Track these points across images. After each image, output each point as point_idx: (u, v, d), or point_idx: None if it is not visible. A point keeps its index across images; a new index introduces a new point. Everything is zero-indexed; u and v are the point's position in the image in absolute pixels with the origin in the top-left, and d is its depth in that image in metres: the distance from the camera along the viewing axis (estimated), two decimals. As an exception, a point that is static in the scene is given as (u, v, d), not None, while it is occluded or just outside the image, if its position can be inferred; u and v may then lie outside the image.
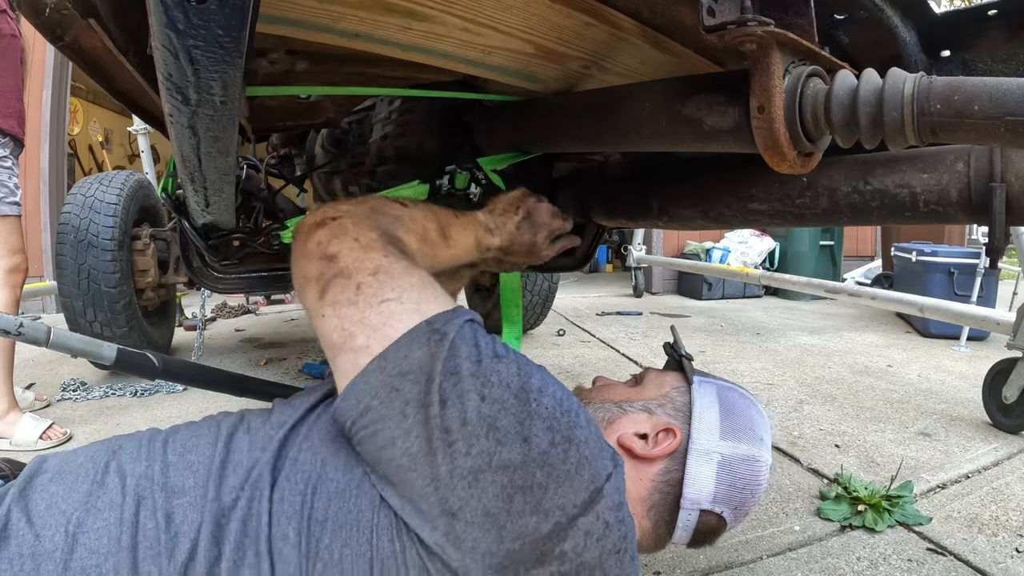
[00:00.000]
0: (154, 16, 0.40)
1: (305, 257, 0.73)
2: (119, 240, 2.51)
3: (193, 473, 0.65)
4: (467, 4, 0.72)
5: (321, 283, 0.70)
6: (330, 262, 0.71)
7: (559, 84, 1.03)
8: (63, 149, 5.06)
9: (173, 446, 0.69)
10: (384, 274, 0.69)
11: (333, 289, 0.69)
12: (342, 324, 0.67)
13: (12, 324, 1.18)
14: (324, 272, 0.70)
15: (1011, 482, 1.77)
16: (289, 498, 0.63)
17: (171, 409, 2.41)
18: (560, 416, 0.64)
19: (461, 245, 0.93)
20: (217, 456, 0.67)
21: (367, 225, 0.75)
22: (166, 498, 0.63)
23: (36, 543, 0.58)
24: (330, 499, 0.63)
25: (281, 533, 0.61)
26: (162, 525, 0.61)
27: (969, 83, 0.59)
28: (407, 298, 0.68)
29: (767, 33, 0.60)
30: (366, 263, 0.70)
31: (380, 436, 0.62)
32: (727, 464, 0.75)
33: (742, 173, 1.05)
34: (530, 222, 1.04)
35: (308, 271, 0.72)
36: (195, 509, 0.62)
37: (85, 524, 0.60)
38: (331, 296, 0.69)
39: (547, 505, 0.60)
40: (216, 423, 0.74)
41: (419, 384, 0.61)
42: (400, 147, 1.35)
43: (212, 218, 1.22)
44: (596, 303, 5.14)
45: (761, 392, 2.64)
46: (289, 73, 1.00)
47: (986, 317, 2.44)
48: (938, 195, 0.83)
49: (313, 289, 0.71)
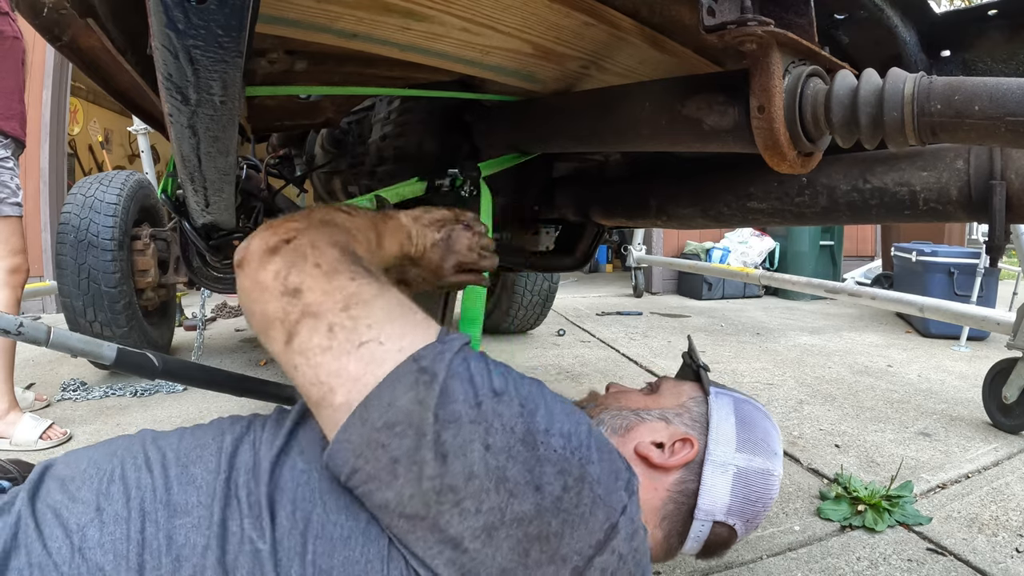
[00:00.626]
0: (154, 16, 0.40)
1: (263, 291, 0.64)
2: (119, 240, 2.51)
3: (196, 490, 0.62)
4: (465, 4, 0.72)
5: (286, 326, 0.62)
6: (293, 298, 0.63)
7: (558, 84, 1.03)
8: (63, 149, 5.06)
9: (176, 455, 0.67)
10: (357, 307, 0.62)
11: (301, 333, 0.61)
12: (318, 376, 0.60)
13: (12, 324, 1.18)
14: (288, 311, 0.62)
15: (1011, 482, 1.76)
16: (290, 538, 0.59)
17: (171, 409, 2.41)
18: (570, 456, 0.60)
19: (389, 251, 0.88)
20: (221, 474, 0.64)
21: (324, 242, 0.68)
22: (168, 517, 0.60)
23: (44, 554, 0.57)
24: (334, 546, 0.58)
25: (285, 572, 0.58)
26: (163, 546, 0.58)
27: (969, 83, 0.59)
28: (386, 335, 0.61)
29: (767, 33, 0.60)
30: (334, 295, 0.63)
31: (375, 496, 0.57)
32: (742, 476, 0.74)
33: (741, 172, 1.05)
34: (446, 245, 0.97)
35: (268, 310, 0.63)
36: (199, 532, 0.59)
37: (90, 538, 0.58)
38: (300, 342, 0.61)
39: (564, 551, 0.58)
40: (221, 432, 0.70)
41: (407, 437, 0.56)
42: (399, 147, 1.35)
43: (212, 218, 1.22)
44: (596, 303, 5.14)
45: (761, 392, 2.64)
46: (288, 73, 1.00)
47: (986, 317, 2.44)
48: (938, 193, 0.83)
49: (278, 333, 0.63)
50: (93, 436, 2.11)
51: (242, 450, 0.67)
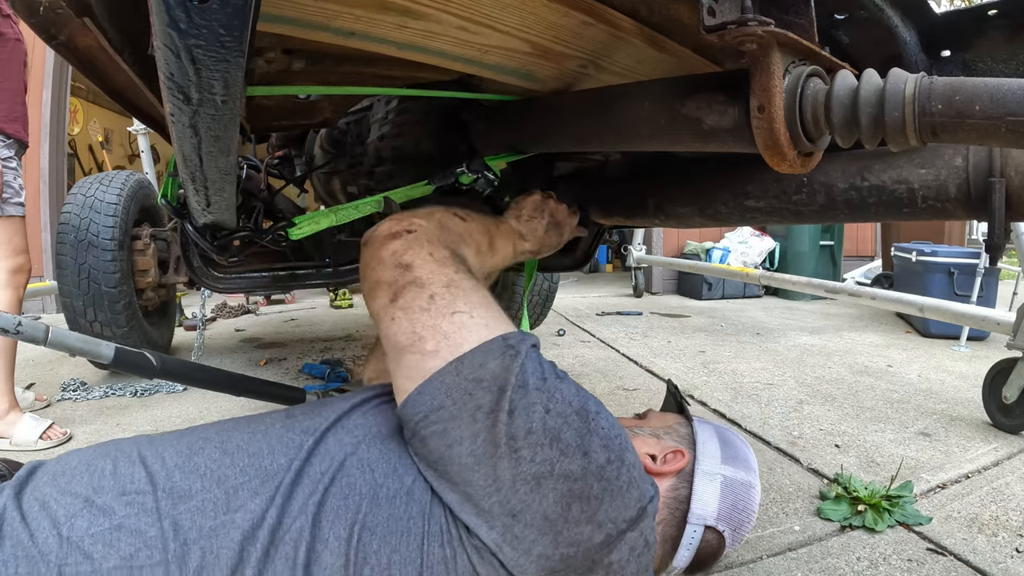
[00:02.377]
0: (156, 15, 0.40)
1: (380, 263, 0.77)
2: (119, 240, 2.51)
3: (200, 477, 0.65)
4: (463, 2, 0.72)
5: (394, 288, 0.74)
6: (405, 271, 0.75)
7: (557, 83, 1.03)
8: (63, 149, 5.06)
9: (178, 448, 0.69)
10: (456, 288, 0.74)
11: (406, 295, 0.73)
12: (413, 328, 0.70)
13: (11, 323, 1.18)
14: (398, 279, 0.74)
15: (1011, 482, 1.76)
16: (333, 503, 0.64)
17: (171, 409, 2.41)
18: (614, 437, 0.69)
19: (502, 254, 1.02)
20: (227, 459, 0.67)
21: (439, 241, 0.80)
22: (172, 504, 0.62)
23: (31, 544, 0.57)
24: (380, 505, 0.64)
25: (322, 537, 0.62)
26: (168, 532, 0.60)
27: (970, 83, 0.59)
28: (477, 314, 0.72)
29: (767, 33, 0.60)
30: (439, 276, 0.75)
31: (449, 434, 0.65)
32: (729, 485, 0.81)
33: (739, 171, 1.05)
34: (555, 223, 1.14)
35: (382, 276, 0.76)
36: (205, 515, 0.62)
37: (78, 528, 0.59)
38: (404, 301, 0.72)
39: (601, 517, 0.65)
40: (220, 428, 0.75)
41: (492, 392, 0.65)
42: (397, 147, 1.35)
43: (213, 218, 1.22)
44: (596, 303, 5.14)
45: (761, 392, 2.64)
46: (286, 72, 1.00)
47: (986, 317, 2.44)
48: (936, 191, 0.83)
49: (385, 293, 0.75)
50: (93, 436, 2.11)
51: (255, 440, 0.71)
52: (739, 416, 2.32)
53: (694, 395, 2.58)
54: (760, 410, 2.40)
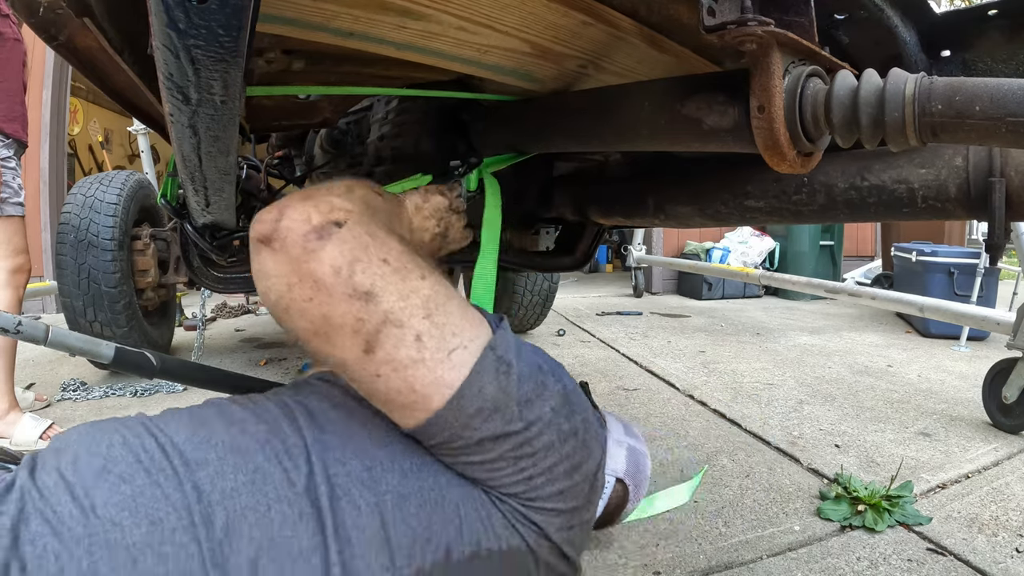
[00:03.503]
0: (155, 16, 0.40)
1: (318, 290, 0.57)
2: (119, 240, 2.51)
3: (213, 448, 0.63)
4: (462, 2, 0.72)
5: (363, 335, 0.58)
6: (367, 302, 0.57)
7: (556, 83, 1.03)
8: (63, 149, 5.06)
9: (179, 424, 0.66)
10: (437, 312, 0.61)
11: (385, 343, 0.58)
12: (411, 387, 0.60)
13: (11, 322, 1.18)
14: (364, 318, 0.57)
15: (1011, 482, 1.76)
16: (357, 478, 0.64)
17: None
18: (584, 403, 0.75)
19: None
20: (235, 429, 0.65)
21: (382, 230, 0.63)
22: (189, 471, 0.60)
23: (56, 519, 0.55)
24: (432, 511, 0.65)
25: (354, 502, 0.61)
26: (191, 496, 0.57)
27: (970, 83, 0.59)
28: (468, 338, 0.63)
29: (767, 33, 0.60)
30: (413, 299, 0.60)
31: (459, 460, 0.66)
32: (632, 452, 0.90)
33: (739, 171, 1.05)
34: (443, 236, 0.97)
35: (331, 312, 0.57)
36: (225, 478, 0.60)
37: (100, 497, 0.57)
38: (385, 354, 0.58)
39: (585, 469, 0.73)
40: (219, 405, 0.72)
41: (494, 421, 0.63)
42: (397, 147, 1.35)
43: (212, 218, 1.22)
44: (596, 303, 5.14)
45: (761, 392, 2.64)
46: (285, 72, 1.00)
47: (986, 317, 2.44)
48: (936, 191, 0.82)
49: (350, 342, 0.58)
50: (93, 436, 2.11)
51: (266, 415, 0.68)
52: (739, 416, 2.32)
53: (694, 395, 2.59)
54: (760, 410, 2.40)
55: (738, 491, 1.72)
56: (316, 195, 0.63)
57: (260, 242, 0.60)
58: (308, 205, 0.60)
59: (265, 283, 0.60)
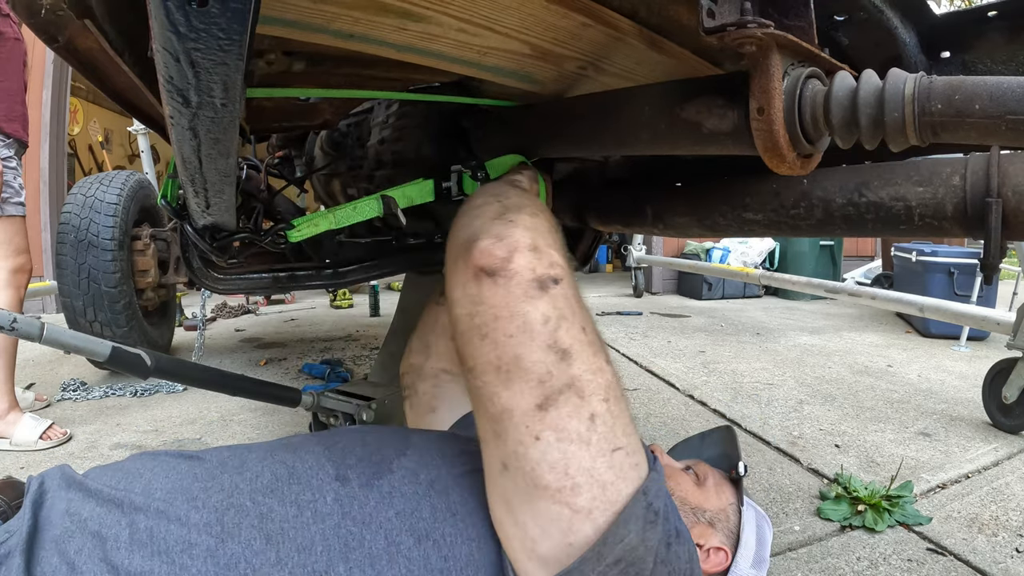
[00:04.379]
0: (155, 19, 0.40)
1: (524, 331, 0.58)
2: (119, 240, 2.51)
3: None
4: (463, 4, 0.72)
5: (545, 390, 0.57)
6: (561, 360, 0.58)
7: (556, 85, 1.03)
8: (63, 149, 5.06)
9: (205, 519, 0.62)
10: (613, 401, 0.60)
11: (562, 407, 0.57)
12: (566, 465, 0.57)
13: (6, 320, 1.17)
14: (552, 373, 0.57)
15: (1011, 482, 1.76)
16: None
17: (171, 409, 2.41)
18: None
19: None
20: (271, 552, 0.61)
21: (582, 299, 0.65)
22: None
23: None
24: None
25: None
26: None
27: (970, 82, 0.59)
28: (631, 446, 0.60)
29: (767, 35, 0.60)
30: (599, 379, 0.60)
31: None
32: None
33: (738, 183, 1.04)
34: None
35: (525, 355, 0.58)
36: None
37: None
38: (556, 417, 0.57)
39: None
40: (252, 488, 0.67)
41: (628, 574, 0.59)
42: (397, 151, 1.35)
43: (213, 219, 1.22)
44: (596, 303, 5.14)
45: (761, 392, 2.64)
46: (286, 74, 1.00)
47: (986, 317, 2.44)
48: (933, 209, 0.82)
49: (529, 389, 0.57)
50: (93, 436, 2.11)
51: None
52: (739, 416, 2.32)
53: (694, 395, 2.59)
54: (760, 410, 2.40)
55: (738, 491, 1.72)
56: (540, 243, 0.65)
57: (484, 272, 0.62)
58: (534, 256, 0.63)
59: (473, 307, 0.62)
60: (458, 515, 0.65)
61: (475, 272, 0.63)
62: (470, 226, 0.68)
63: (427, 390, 1.09)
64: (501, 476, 0.61)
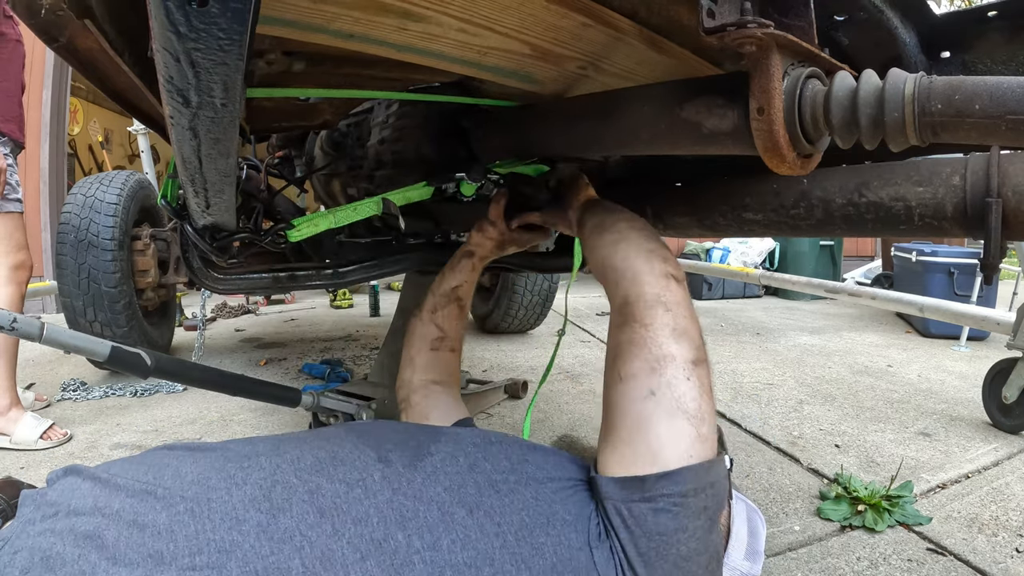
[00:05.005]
0: (155, 19, 0.40)
1: (689, 316, 0.78)
2: (119, 240, 2.51)
3: (298, 551, 0.60)
4: (462, 4, 0.72)
5: (699, 353, 0.75)
6: (700, 335, 0.77)
7: (556, 85, 1.03)
8: (63, 149, 5.06)
9: (254, 498, 0.63)
10: (707, 375, 0.76)
11: (703, 367, 0.74)
12: (699, 403, 0.71)
13: (6, 319, 1.17)
14: (701, 346, 0.76)
15: (1011, 482, 1.77)
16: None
17: (171, 409, 2.41)
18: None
19: None
20: (326, 524, 0.62)
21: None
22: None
23: None
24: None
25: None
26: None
27: (970, 82, 0.59)
28: (710, 431, 0.73)
29: (767, 35, 0.60)
30: (704, 354, 0.77)
31: (679, 519, 0.68)
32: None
33: (738, 183, 1.04)
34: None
35: (690, 328, 0.76)
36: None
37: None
38: (701, 373, 0.74)
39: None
40: (297, 467, 0.68)
41: (718, 502, 0.71)
42: (397, 151, 1.35)
43: (213, 219, 1.22)
44: (596, 303, 5.14)
45: (761, 392, 2.64)
46: (286, 74, 1.00)
47: (986, 317, 2.44)
48: (933, 209, 0.82)
49: (690, 349, 0.75)
50: (93, 436, 2.11)
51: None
52: (739, 416, 2.32)
53: (694, 395, 2.58)
54: (760, 410, 2.40)
55: (738, 491, 1.73)
56: (655, 238, 0.88)
57: (675, 279, 0.82)
58: (671, 265, 0.83)
59: (662, 292, 0.80)
60: (502, 492, 0.70)
61: (679, 282, 0.82)
62: (644, 244, 0.88)
63: (419, 401, 1.14)
64: (644, 401, 0.72)
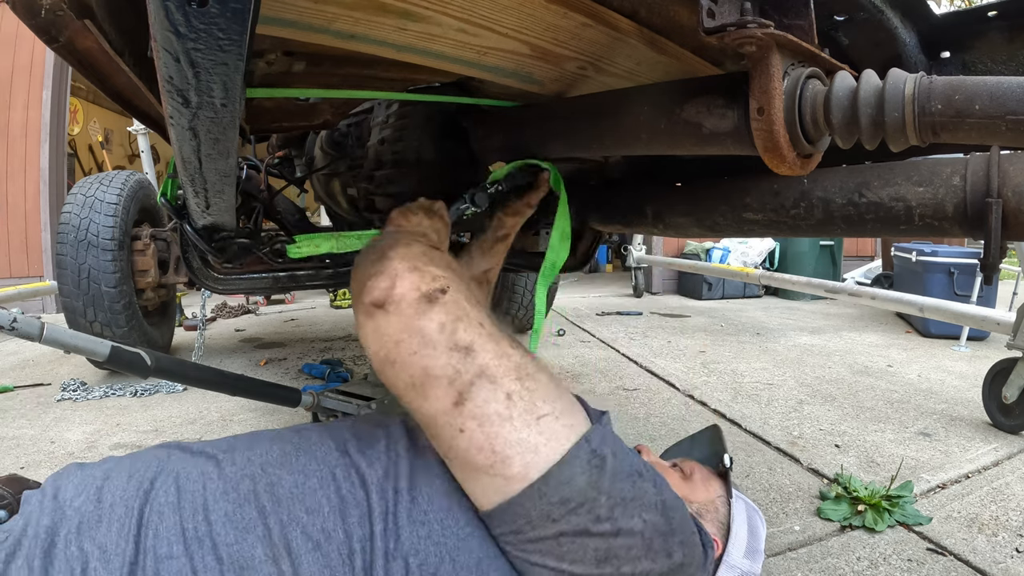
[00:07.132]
0: (155, 19, 0.40)
1: (424, 344, 0.62)
2: (119, 240, 2.51)
3: (259, 540, 0.64)
4: (462, 4, 0.72)
5: (457, 386, 0.61)
6: (466, 356, 0.61)
7: (556, 85, 1.03)
8: (63, 149, 5.04)
9: (224, 506, 0.65)
10: (528, 378, 0.63)
11: (476, 396, 0.60)
12: (492, 445, 0.60)
13: (6, 319, 1.18)
14: (460, 370, 0.61)
15: (1011, 482, 1.76)
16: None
17: (171, 409, 2.41)
18: (688, 529, 0.69)
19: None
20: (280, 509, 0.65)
21: (475, 299, 0.68)
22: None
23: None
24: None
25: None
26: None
27: (970, 82, 0.59)
28: (559, 410, 0.63)
29: (767, 35, 0.60)
30: (506, 362, 0.63)
31: (528, 553, 0.62)
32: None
33: (738, 183, 1.04)
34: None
35: (431, 364, 0.61)
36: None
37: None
38: (474, 406, 0.60)
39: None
40: (264, 469, 0.70)
41: (579, 515, 0.60)
42: (397, 152, 1.35)
43: (213, 220, 1.22)
44: (596, 303, 5.14)
45: (761, 392, 2.64)
46: (286, 74, 1.00)
47: (986, 317, 2.44)
48: (933, 209, 0.82)
49: (443, 392, 0.61)
50: (93, 436, 2.11)
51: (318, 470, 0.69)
52: (739, 416, 2.32)
53: (694, 395, 2.59)
54: (760, 410, 2.40)
55: (738, 491, 1.72)
56: (420, 263, 0.69)
57: (375, 306, 0.66)
58: (415, 276, 0.66)
59: (378, 342, 0.65)
60: (433, 471, 0.69)
61: (367, 310, 0.66)
62: (356, 278, 0.71)
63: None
64: (449, 465, 0.66)
